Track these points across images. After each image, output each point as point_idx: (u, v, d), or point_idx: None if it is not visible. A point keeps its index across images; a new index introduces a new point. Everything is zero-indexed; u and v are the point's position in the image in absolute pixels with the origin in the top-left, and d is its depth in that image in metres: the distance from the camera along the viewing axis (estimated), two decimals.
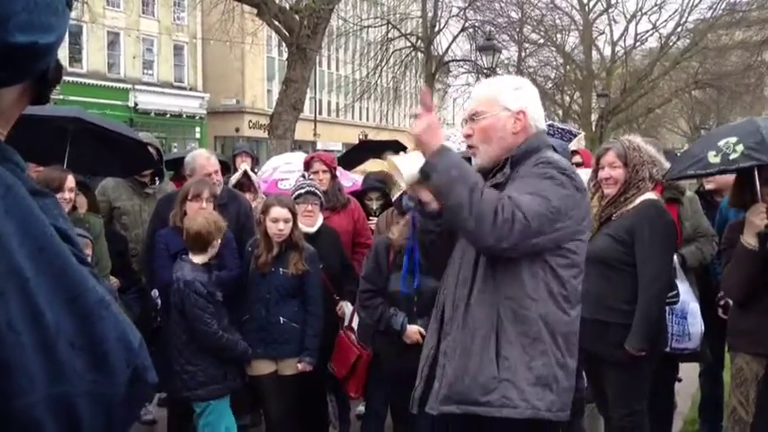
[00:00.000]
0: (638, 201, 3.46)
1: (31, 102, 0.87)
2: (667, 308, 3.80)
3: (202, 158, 4.57)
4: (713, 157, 3.25)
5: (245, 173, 5.25)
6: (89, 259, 3.67)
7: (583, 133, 9.18)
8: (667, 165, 4.16)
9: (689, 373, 5.20)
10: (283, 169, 6.11)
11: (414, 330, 3.74)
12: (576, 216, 2.21)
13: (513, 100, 2.34)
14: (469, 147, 2.42)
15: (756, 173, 3.24)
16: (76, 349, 0.73)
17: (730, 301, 4.02)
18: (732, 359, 3.47)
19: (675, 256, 4.09)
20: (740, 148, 3.18)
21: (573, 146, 6.63)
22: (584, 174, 4.22)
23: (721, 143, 3.25)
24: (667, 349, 3.92)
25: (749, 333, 3.31)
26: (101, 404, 0.76)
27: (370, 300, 3.86)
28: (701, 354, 4.01)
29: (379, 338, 3.90)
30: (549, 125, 7.02)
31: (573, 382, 2.31)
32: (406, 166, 2.30)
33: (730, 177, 4.50)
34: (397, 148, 7.95)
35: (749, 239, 3.21)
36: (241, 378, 3.94)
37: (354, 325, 4.18)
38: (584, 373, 3.86)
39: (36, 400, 0.69)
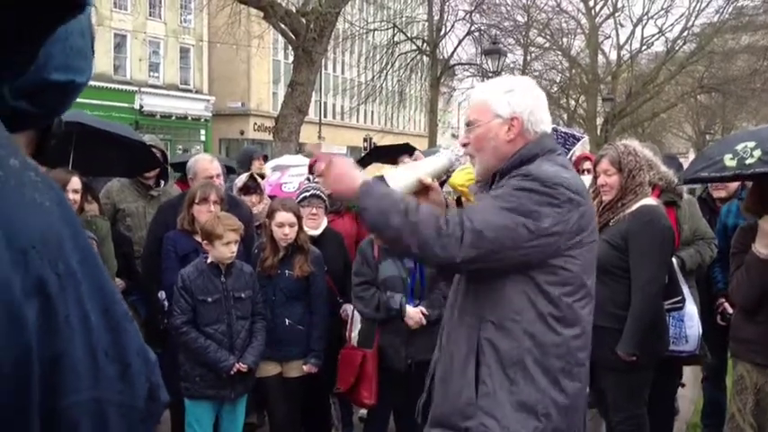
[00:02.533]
0: (635, 206, 3.45)
1: (31, 155, 0.91)
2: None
3: (204, 162, 4.57)
4: (729, 161, 3.16)
5: (252, 176, 5.27)
6: None
7: (586, 137, 9.18)
8: (664, 168, 4.14)
9: (691, 378, 5.20)
10: (292, 173, 6.14)
11: (415, 311, 3.78)
12: (563, 231, 2.04)
13: (504, 105, 2.19)
14: (470, 155, 2.32)
15: None
16: (109, 358, 0.75)
17: (729, 309, 4.03)
18: (734, 365, 3.46)
19: (675, 260, 4.10)
20: (758, 153, 3.08)
21: (578, 150, 6.63)
22: (588, 179, 4.23)
23: (739, 147, 3.16)
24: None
25: (752, 342, 3.29)
26: (126, 417, 0.77)
27: (364, 291, 3.91)
28: (699, 356, 4.00)
29: (383, 334, 3.93)
30: (553, 129, 7.02)
31: (575, 403, 2.16)
32: (395, 180, 2.30)
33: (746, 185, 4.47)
34: (410, 150, 7.94)
35: (761, 248, 3.18)
36: (226, 388, 3.75)
37: (355, 333, 4.19)
38: None
39: (81, 400, 0.71)
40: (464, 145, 2.31)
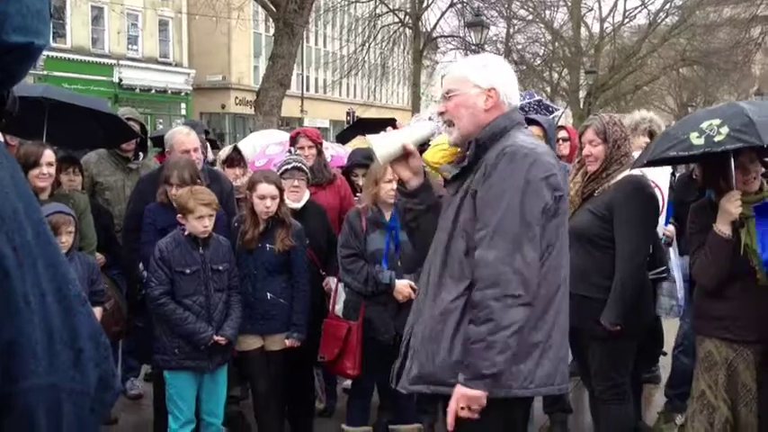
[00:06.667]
0: (620, 176, 3.44)
1: None
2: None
3: (181, 135, 4.43)
4: (696, 139, 3.14)
5: (235, 148, 5.21)
6: (72, 238, 3.65)
7: (564, 109, 9.20)
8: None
9: (673, 347, 5.23)
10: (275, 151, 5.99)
11: (404, 284, 3.78)
12: (543, 196, 2.23)
13: (481, 77, 2.39)
14: (447, 123, 2.47)
15: (732, 159, 3.17)
16: (63, 343, 0.72)
17: None
18: (699, 343, 3.44)
19: (673, 228, 4.16)
20: (725, 129, 3.08)
21: (561, 122, 6.64)
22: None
23: (704, 125, 3.16)
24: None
25: (719, 318, 3.29)
26: (78, 405, 0.74)
27: (353, 263, 3.89)
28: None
29: (371, 307, 3.91)
30: (538, 101, 7.01)
31: (557, 354, 2.32)
32: (381, 146, 2.45)
33: None
34: (394, 126, 7.88)
35: (723, 228, 3.16)
36: (204, 359, 3.74)
37: (339, 306, 4.17)
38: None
39: (38, 385, 0.68)
40: (441, 113, 2.46)
